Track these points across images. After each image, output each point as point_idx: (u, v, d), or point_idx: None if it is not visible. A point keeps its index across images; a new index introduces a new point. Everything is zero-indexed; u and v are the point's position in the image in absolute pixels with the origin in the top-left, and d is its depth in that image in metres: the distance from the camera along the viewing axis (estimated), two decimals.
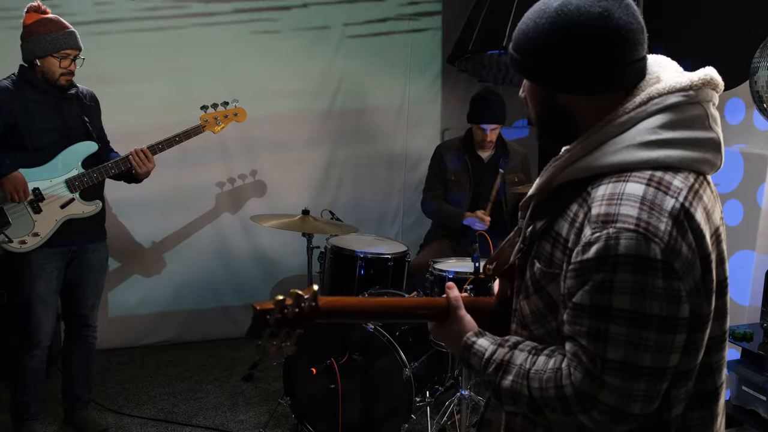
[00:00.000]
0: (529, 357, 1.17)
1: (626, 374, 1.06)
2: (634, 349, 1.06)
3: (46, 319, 2.93)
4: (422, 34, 4.62)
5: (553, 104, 1.20)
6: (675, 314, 1.06)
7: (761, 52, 2.68)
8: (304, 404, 3.04)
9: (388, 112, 4.64)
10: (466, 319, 1.31)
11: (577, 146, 1.17)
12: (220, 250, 4.34)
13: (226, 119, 3.21)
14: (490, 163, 3.86)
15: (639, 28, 1.15)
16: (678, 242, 1.06)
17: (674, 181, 1.10)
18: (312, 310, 1.20)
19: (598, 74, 1.14)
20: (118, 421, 3.32)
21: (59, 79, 2.82)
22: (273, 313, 1.17)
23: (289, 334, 1.19)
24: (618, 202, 1.08)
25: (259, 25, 4.21)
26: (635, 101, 1.15)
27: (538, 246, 1.20)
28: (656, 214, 1.06)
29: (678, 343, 1.07)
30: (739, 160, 3.04)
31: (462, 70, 4.27)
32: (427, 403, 3.00)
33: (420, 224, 4.44)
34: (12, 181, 2.73)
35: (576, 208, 1.14)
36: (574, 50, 1.13)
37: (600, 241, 1.06)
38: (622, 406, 1.07)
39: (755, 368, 2.60)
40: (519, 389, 1.16)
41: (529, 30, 1.17)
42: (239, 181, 4.32)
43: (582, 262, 1.09)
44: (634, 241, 1.04)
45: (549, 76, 1.17)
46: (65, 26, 2.82)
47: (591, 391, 1.08)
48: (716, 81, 1.17)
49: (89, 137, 2.93)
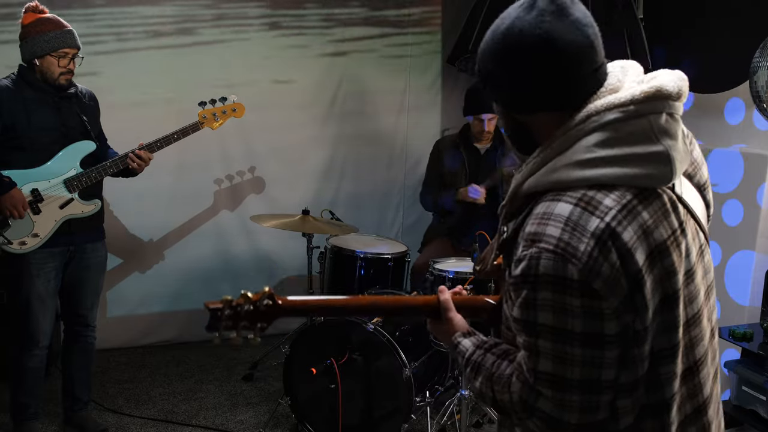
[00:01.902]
0: (497, 361, 1.24)
1: (557, 386, 1.11)
2: (561, 362, 1.11)
3: (45, 319, 2.93)
4: (422, 35, 4.62)
5: (513, 122, 1.24)
6: (599, 331, 1.09)
7: (761, 52, 2.68)
8: (304, 404, 3.04)
9: (388, 112, 4.65)
10: (456, 320, 1.37)
11: (532, 161, 1.20)
12: (221, 250, 4.34)
13: (224, 115, 3.21)
14: (487, 155, 3.86)
15: (587, 42, 1.13)
16: (598, 262, 1.07)
17: (605, 201, 1.10)
18: (270, 308, 1.28)
19: (543, 92, 1.16)
20: (118, 421, 3.32)
21: (59, 79, 2.82)
22: (223, 310, 1.27)
23: (248, 328, 1.28)
24: (546, 221, 1.11)
25: (259, 25, 4.21)
26: (576, 119, 1.14)
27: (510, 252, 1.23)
28: (578, 234, 1.08)
29: (608, 358, 1.10)
30: (739, 160, 3.04)
31: (462, 70, 4.28)
32: (427, 403, 3.00)
33: (420, 224, 4.44)
34: (11, 199, 2.73)
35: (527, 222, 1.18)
36: (519, 71, 1.15)
37: (525, 260, 1.11)
38: (558, 415, 1.13)
39: (755, 368, 2.60)
40: (485, 391, 1.24)
41: (484, 49, 1.20)
42: (239, 181, 4.32)
43: (513, 278, 1.15)
44: (551, 262, 1.08)
45: (501, 94, 1.21)
46: (63, 25, 2.82)
47: (529, 400, 1.15)
48: (665, 92, 1.13)
49: (88, 137, 2.93)
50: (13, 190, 2.74)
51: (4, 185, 2.72)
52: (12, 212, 2.73)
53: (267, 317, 1.28)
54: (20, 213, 2.75)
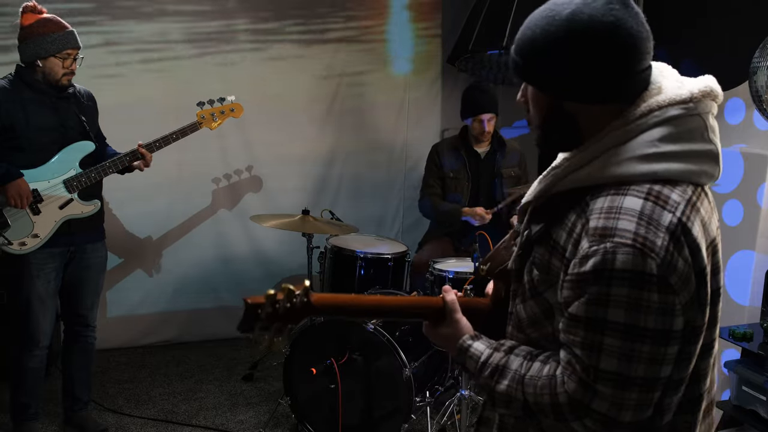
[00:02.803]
0: (525, 362, 1.19)
1: (618, 384, 1.08)
2: (627, 360, 1.07)
3: (46, 319, 2.93)
4: (422, 35, 4.62)
5: (559, 111, 1.19)
6: (669, 327, 1.07)
7: (761, 52, 2.68)
8: (304, 404, 3.04)
9: (388, 112, 4.64)
10: (462, 322, 1.32)
11: (577, 155, 1.18)
12: (221, 250, 4.34)
13: (222, 115, 3.21)
14: (487, 159, 3.86)
15: (647, 36, 1.15)
16: (674, 257, 1.07)
17: (672, 195, 1.11)
18: (304, 306, 1.19)
19: (606, 83, 1.14)
20: (118, 421, 3.32)
21: (61, 80, 2.82)
22: (264, 307, 1.16)
23: (280, 329, 1.19)
24: (616, 216, 1.09)
25: (259, 25, 4.21)
26: (636, 113, 1.15)
27: (535, 252, 1.21)
28: (653, 229, 1.07)
29: (670, 354, 1.09)
30: (739, 160, 3.04)
31: (462, 70, 4.27)
32: (427, 403, 3.00)
33: (420, 224, 4.44)
34: (16, 187, 2.73)
35: (574, 218, 1.15)
36: (585, 59, 1.12)
37: (597, 255, 1.07)
38: (614, 414, 1.09)
39: (755, 368, 2.60)
40: (514, 394, 1.18)
41: (537, 37, 1.15)
42: (239, 181, 4.32)
43: (579, 275, 1.10)
44: (630, 256, 1.05)
45: (556, 83, 1.17)
46: (65, 26, 2.82)
47: (584, 400, 1.10)
48: (716, 92, 1.18)
49: (86, 137, 2.93)
50: (20, 179, 2.74)
51: (11, 174, 2.73)
52: (16, 201, 2.73)
53: (299, 317, 1.20)
54: (24, 203, 2.75)
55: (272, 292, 1.17)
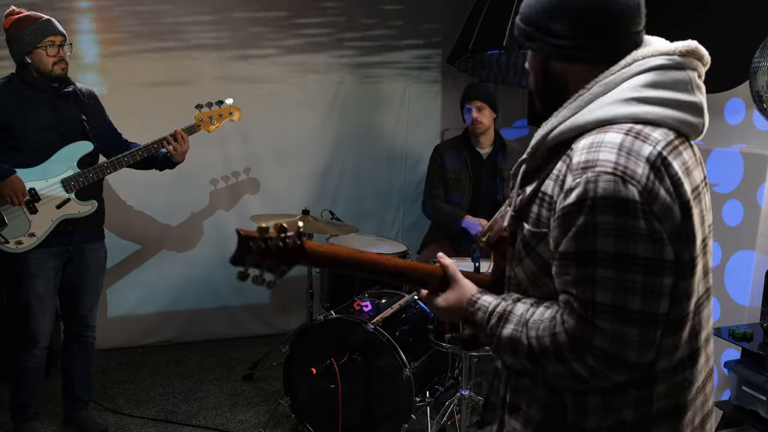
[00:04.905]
0: (530, 308, 1.20)
1: (617, 318, 1.08)
2: (622, 291, 1.08)
3: (45, 319, 2.93)
4: (422, 35, 4.62)
5: (549, 72, 1.26)
6: (659, 256, 1.08)
7: (761, 52, 2.68)
8: (304, 404, 3.04)
9: (388, 112, 4.65)
10: (467, 282, 1.33)
11: (566, 107, 1.22)
12: (220, 250, 4.33)
13: (220, 118, 3.22)
14: (488, 160, 3.86)
15: (637, 2, 1.21)
16: (656, 186, 1.09)
17: (653, 134, 1.14)
18: (297, 249, 1.18)
19: (593, 44, 1.20)
20: (118, 421, 3.32)
21: (53, 69, 2.82)
22: (256, 240, 1.15)
23: (272, 269, 1.18)
24: (596, 149, 1.12)
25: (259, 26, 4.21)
26: (620, 63, 1.20)
27: (527, 210, 1.23)
28: (633, 158, 1.10)
29: (665, 287, 1.09)
30: (739, 160, 3.04)
31: (462, 70, 4.27)
32: (427, 403, 3.00)
33: (420, 224, 4.44)
34: (10, 184, 2.73)
35: (560, 165, 1.18)
36: (574, 19, 1.19)
37: (580, 186, 1.10)
38: (616, 351, 1.09)
39: (755, 368, 2.60)
40: (518, 337, 1.18)
41: (531, 2, 1.24)
42: (239, 181, 4.32)
43: (563, 208, 1.12)
44: (612, 183, 1.07)
45: (547, 44, 1.23)
46: (40, 16, 2.83)
47: (585, 336, 1.10)
48: (700, 52, 1.22)
49: (86, 137, 2.93)
50: (13, 176, 2.74)
51: (4, 171, 2.73)
52: (12, 198, 2.73)
53: (291, 259, 1.18)
54: (19, 199, 2.75)
55: (264, 225, 1.16)
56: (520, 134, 4.69)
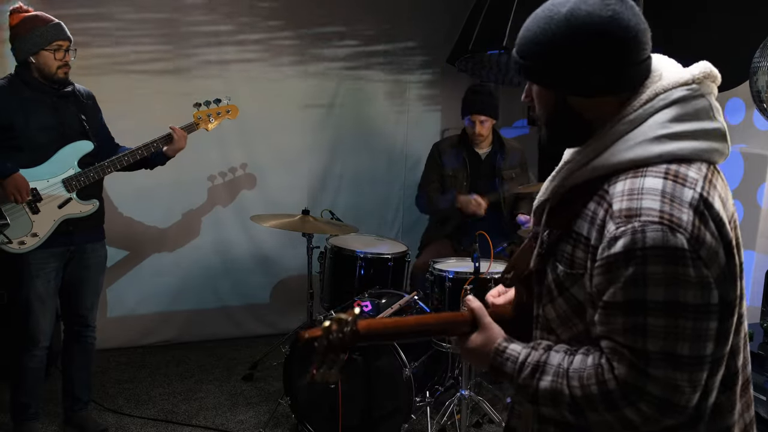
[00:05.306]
0: (566, 357, 1.18)
1: (669, 364, 1.08)
2: (673, 339, 1.07)
3: (45, 319, 2.93)
4: (422, 35, 4.62)
5: (564, 107, 1.22)
6: (708, 301, 1.08)
7: (761, 52, 2.68)
8: (304, 404, 3.04)
9: (388, 113, 4.65)
10: (494, 326, 1.29)
11: (588, 147, 1.20)
12: (221, 250, 4.34)
13: (219, 116, 3.22)
14: (487, 160, 3.86)
15: (645, 28, 1.19)
16: (701, 231, 1.09)
17: (689, 173, 1.13)
18: (353, 335, 1.19)
19: (608, 76, 1.17)
20: (118, 421, 3.32)
21: (57, 72, 2.82)
22: (321, 340, 1.17)
23: (333, 360, 1.20)
24: (639, 196, 1.10)
25: (259, 26, 4.21)
26: (642, 98, 1.18)
27: (557, 249, 1.22)
28: (677, 205, 1.09)
29: (712, 330, 1.09)
30: (739, 160, 3.04)
31: (462, 70, 4.27)
32: (427, 403, 3.00)
33: (420, 224, 4.44)
34: (14, 182, 2.73)
35: (594, 206, 1.16)
36: (586, 53, 1.15)
37: (626, 235, 1.08)
38: (669, 396, 1.09)
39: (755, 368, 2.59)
40: (559, 389, 1.16)
41: (537, 37, 1.18)
42: (239, 181, 4.32)
43: (609, 257, 1.10)
44: (660, 233, 1.07)
45: (560, 79, 1.19)
46: (50, 19, 2.82)
47: (637, 383, 1.09)
48: (715, 74, 1.22)
49: (86, 136, 2.93)
50: (17, 174, 2.74)
51: (8, 168, 2.73)
52: (16, 196, 2.73)
53: (347, 346, 1.19)
54: (23, 197, 2.75)
55: (327, 324, 1.17)
56: (520, 134, 4.69)
